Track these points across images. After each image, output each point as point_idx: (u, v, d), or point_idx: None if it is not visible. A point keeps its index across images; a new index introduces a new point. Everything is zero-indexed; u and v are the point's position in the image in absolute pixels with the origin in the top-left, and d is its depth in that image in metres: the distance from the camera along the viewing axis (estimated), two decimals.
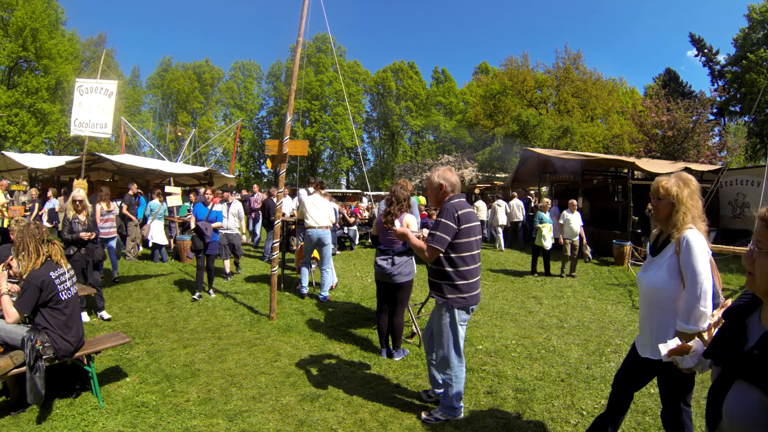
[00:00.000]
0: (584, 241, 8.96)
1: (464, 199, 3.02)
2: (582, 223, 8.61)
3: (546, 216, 8.59)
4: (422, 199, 15.44)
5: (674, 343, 1.65)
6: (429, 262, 2.93)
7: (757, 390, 1.11)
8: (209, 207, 6.64)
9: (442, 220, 2.84)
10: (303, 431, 2.95)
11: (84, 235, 5.12)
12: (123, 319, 5.29)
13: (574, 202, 8.66)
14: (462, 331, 2.95)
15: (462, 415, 3.06)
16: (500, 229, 12.45)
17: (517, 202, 13.04)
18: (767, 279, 1.19)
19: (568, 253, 8.45)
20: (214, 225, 6.53)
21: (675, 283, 2.10)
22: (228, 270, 7.81)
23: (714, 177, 11.35)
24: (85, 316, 5.10)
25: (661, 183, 2.19)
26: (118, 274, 7.43)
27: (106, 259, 6.02)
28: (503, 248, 12.24)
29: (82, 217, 5.26)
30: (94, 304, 5.35)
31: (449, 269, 2.86)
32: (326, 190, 9.87)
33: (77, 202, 5.27)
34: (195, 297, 6.27)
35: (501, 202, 12.81)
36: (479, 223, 3.06)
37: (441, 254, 2.87)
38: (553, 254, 8.89)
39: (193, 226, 6.55)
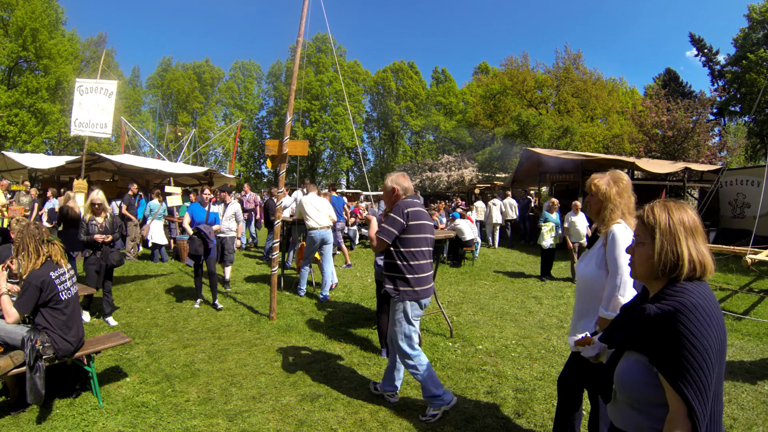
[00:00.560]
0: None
1: (418, 201, 3.24)
2: (589, 224, 8.11)
3: (553, 216, 8.34)
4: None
5: (580, 335, 1.78)
6: (375, 251, 3.38)
7: (638, 354, 1.30)
8: (207, 208, 6.28)
9: (391, 215, 3.08)
10: (303, 431, 2.95)
11: (99, 237, 5.05)
12: (123, 319, 5.29)
13: (577, 203, 8.22)
14: (415, 326, 3.13)
15: (452, 400, 3.12)
16: (497, 228, 12.70)
17: (510, 201, 13.24)
18: (644, 266, 1.38)
19: (577, 259, 7.87)
20: (214, 228, 6.20)
21: (603, 274, 2.21)
22: (228, 276, 7.09)
23: (714, 177, 11.36)
24: (86, 317, 5.08)
25: (593, 180, 2.34)
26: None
27: (123, 263, 5.61)
28: (496, 246, 12.52)
29: (99, 219, 5.18)
30: (101, 308, 5.25)
31: (400, 263, 3.06)
32: (324, 190, 9.85)
33: (96, 205, 5.17)
34: (196, 304, 5.91)
35: (496, 201, 13.00)
36: (432, 224, 3.30)
37: (392, 249, 3.09)
38: (561, 256, 8.72)
39: (189, 229, 5.94)
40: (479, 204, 13.68)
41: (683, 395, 1.17)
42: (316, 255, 6.69)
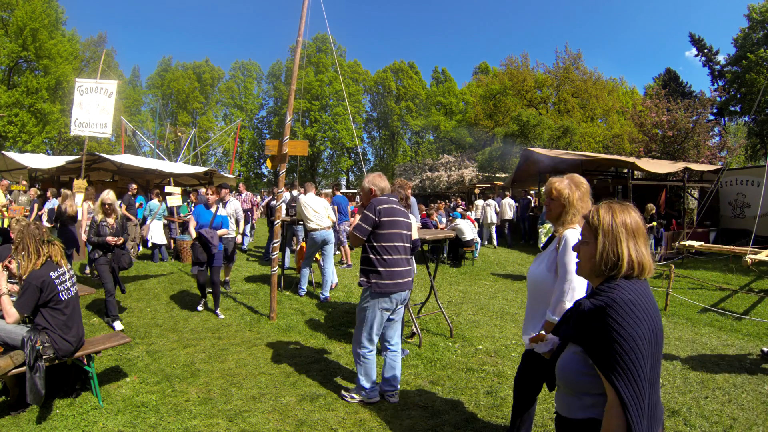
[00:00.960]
0: None
1: (393, 199, 3.36)
2: None
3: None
4: None
5: (533, 333, 1.85)
6: (352, 247, 3.29)
7: (576, 346, 1.39)
8: (213, 210, 5.77)
9: (365, 211, 3.22)
10: (303, 431, 2.95)
11: (111, 239, 4.93)
12: (123, 319, 5.29)
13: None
14: (379, 318, 3.20)
15: (375, 398, 3.27)
16: (493, 227, 12.82)
17: (508, 201, 13.34)
18: (587, 264, 1.45)
19: None
20: (220, 232, 5.67)
21: (552, 277, 2.25)
22: (228, 277, 7.08)
23: (714, 177, 11.35)
24: (118, 325, 4.91)
25: (554, 185, 2.35)
26: (90, 270, 7.49)
27: (132, 265, 5.42)
28: (495, 245, 12.64)
29: (110, 220, 5.05)
30: (105, 309, 5.05)
31: (372, 257, 3.18)
32: (326, 191, 9.81)
33: (106, 206, 5.01)
34: (199, 308, 5.68)
35: (491, 201, 13.15)
36: (408, 221, 3.39)
37: (366, 244, 3.20)
38: None
39: (194, 233, 5.58)
40: (479, 202, 13.72)
41: (614, 386, 1.23)
42: (317, 255, 6.69)
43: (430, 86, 45.76)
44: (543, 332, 1.75)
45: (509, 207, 13.22)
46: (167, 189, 10.24)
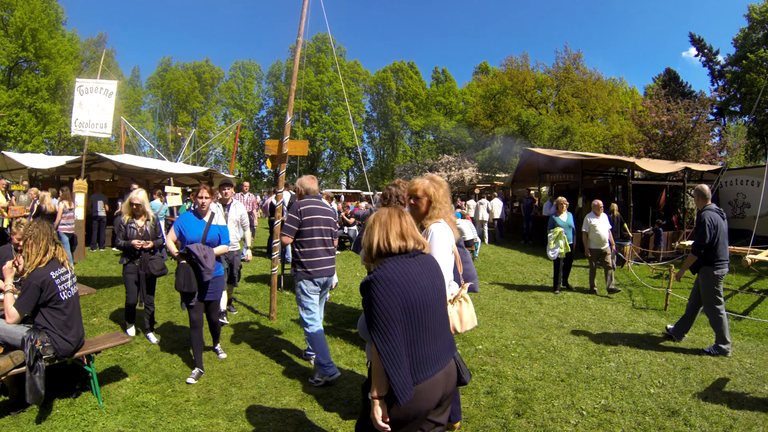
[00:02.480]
0: (614, 248, 7.25)
1: (314, 199, 3.87)
2: (611, 227, 7.15)
3: (563, 218, 7.10)
4: None
5: None
6: (284, 246, 4.42)
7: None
8: (207, 218, 3.93)
9: (289, 214, 3.80)
10: (303, 431, 2.95)
11: (137, 243, 4.44)
12: (123, 319, 5.27)
13: (599, 203, 7.04)
14: (311, 298, 3.74)
15: (336, 373, 3.60)
16: (485, 225, 13.59)
17: (497, 201, 14.11)
18: (366, 251, 1.92)
19: (610, 265, 6.99)
20: (218, 250, 3.93)
21: None
22: (224, 307, 5.06)
23: (714, 177, 11.35)
24: (131, 331, 4.66)
25: (418, 185, 2.64)
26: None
27: (165, 273, 4.74)
28: (486, 242, 13.35)
29: (139, 222, 4.60)
30: (141, 321, 4.72)
31: (297, 250, 3.77)
32: (328, 190, 9.82)
33: (134, 206, 4.55)
34: (191, 379, 3.63)
35: (484, 201, 14.18)
36: (328, 217, 3.89)
37: (294, 240, 3.75)
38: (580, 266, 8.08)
39: (173, 249, 3.81)
40: (471, 203, 14.78)
41: (373, 340, 1.65)
42: None
43: (430, 86, 45.78)
44: None
45: (498, 207, 14.05)
46: (167, 189, 10.23)
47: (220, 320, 4.62)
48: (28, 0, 25.99)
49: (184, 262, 3.65)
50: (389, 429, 1.66)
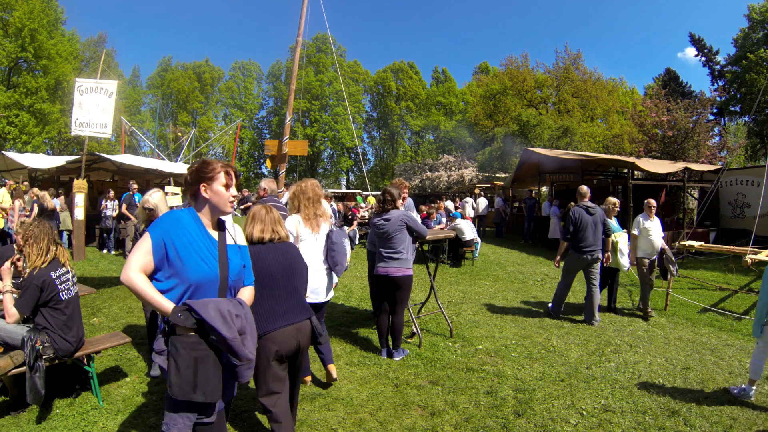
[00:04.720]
0: (667, 254, 5.96)
1: (274, 198, 4.20)
2: (663, 234, 6.00)
3: (615, 223, 5.87)
4: (372, 199, 18.42)
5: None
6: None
7: None
8: (216, 236, 1.89)
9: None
10: (303, 431, 2.94)
11: None
12: (123, 319, 5.29)
13: (652, 202, 5.93)
14: None
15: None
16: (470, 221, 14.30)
17: (482, 200, 15.88)
18: None
19: (653, 276, 5.86)
20: (247, 298, 1.95)
21: None
22: None
23: (714, 177, 11.35)
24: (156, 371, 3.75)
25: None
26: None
27: None
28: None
29: None
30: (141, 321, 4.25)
31: None
32: (329, 190, 9.81)
33: (148, 210, 4.02)
34: None
35: (468, 199, 15.61)
36: (286, 213, 4.08)
37: None
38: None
39: (166, 304, 1.79)
40: (467, 199, 15.89)
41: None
42: None
43: (430, 86, 45.79)
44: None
45: (482, 205, 15.65)
46: (167, 189, 10.23)
47: None
48: (28, 0, 25.97)
49: (193, 338, 1.82)
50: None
